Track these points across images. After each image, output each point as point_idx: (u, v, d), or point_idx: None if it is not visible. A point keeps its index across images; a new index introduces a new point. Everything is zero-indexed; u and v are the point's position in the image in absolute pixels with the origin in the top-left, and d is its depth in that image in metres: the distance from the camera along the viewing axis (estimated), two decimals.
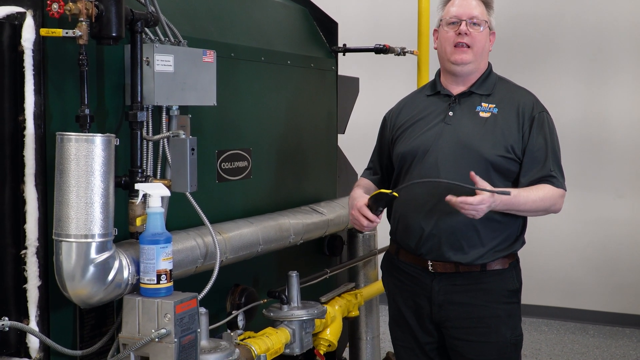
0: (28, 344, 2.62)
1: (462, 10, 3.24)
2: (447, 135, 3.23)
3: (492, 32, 3.33)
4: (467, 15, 3.23)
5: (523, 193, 3.10)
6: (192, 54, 3.03)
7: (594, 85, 7.23)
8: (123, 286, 2.65)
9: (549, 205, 3.16)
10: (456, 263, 3.20)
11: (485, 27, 3.25)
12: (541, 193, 3.13)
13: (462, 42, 3.22)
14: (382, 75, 7.62)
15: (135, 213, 2.79)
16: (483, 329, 3.24)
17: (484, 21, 3.24)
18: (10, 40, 2.55)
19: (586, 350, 6.66)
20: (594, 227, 7.32)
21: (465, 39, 3.22)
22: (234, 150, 3.51)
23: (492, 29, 3.32)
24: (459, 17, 3.24)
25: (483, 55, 3.29)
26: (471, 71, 3.28)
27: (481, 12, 3.25)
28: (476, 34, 3.23)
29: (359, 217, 3.17)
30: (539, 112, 3.24)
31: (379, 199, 3.12)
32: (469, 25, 3.22)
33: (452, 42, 3.24)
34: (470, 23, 3.23)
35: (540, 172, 3.16)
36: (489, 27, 3.29)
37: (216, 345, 2.97)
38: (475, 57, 3.25)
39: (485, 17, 3.26)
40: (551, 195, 3.15)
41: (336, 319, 3.90)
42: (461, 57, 3.24)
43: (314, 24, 4.41)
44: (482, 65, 3.32)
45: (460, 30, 3.22)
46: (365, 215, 3.14)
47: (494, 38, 3.35)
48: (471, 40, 3.23)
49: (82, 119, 2.59)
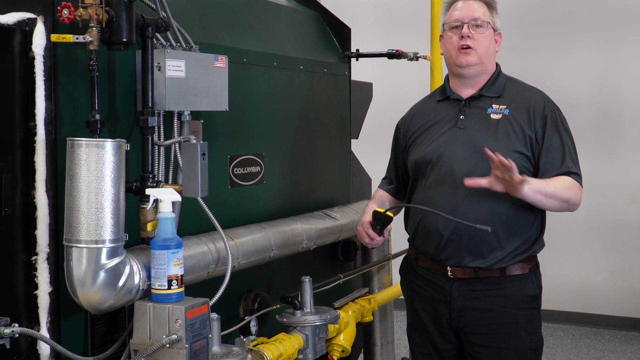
0: (39, 350, 2.61)
1: (464, 13, 3.23)
2: (460, 139, 3.22)
3: (498, 33, 3.31)
4: (469, 18, 3.22)
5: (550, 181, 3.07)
6: (204, 59, 3.03)
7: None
8: (134, 292, 2.63)
9: (571, 196, 3.11)
10: (475, 268, 3.18)
11: (488, 28, 3.24)
12: (566, 182, 3.10)
13: (466, 44, 3.22)
14: (396, 80, 7.61)
15: (146, 218, 2.78)
16: (502, 335, 3.21)
17: (486, 22, 3.23)
18: (21, 46, 2.56)
19: (602, 355, 6.63)
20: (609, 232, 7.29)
21: (469, 41, 3.21)
22: (247, 155, 3.50)
23: (497, 29, 3.30)
24: (461, 20, 3.23)
25: (489, 57, 3.27)
26: (478, 73, 3.27)
27: (483, 13, 3.23)
28: (479, 36, 3.22)
29: (362, 233, 3.22)
30: (551, 111, 3.21)
31: (375, 218, 3.16)
32: (472, 27, 3.21)
33: (456, 45, 3.24)
34: (473, 25, 3.21)
35: (559, 169, 3.13)
36: (493, 27, 3.27)
37: (228, 351, 2.96)
38: (481, 59, 3.24)
39: (487, 19, 3.24)
40: (574, 187, 3.12)
41: (350, 325, 3.89)
42: (466, 59, 3.23)
43: (326, 29, 4.40)
44: (490, 67, 3.30)
45: (462, 34, 3.21)
46: (367, 232, 3.18)
47: (500, 38, 3.33)
48: (475, 43, 3.22)
49: (93, 124, 2.59)
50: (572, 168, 3.15)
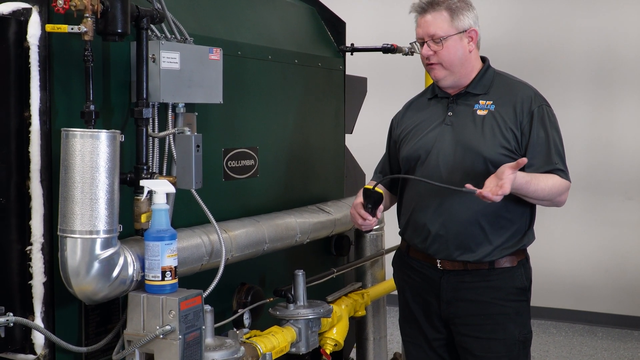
0: (33, 340, 2.62)
1: (422, 30, 3.24)
2: (447, 135, 3.24)
3: (470, 30, 3.23)
4: (427, 35, 3.22)
5: (534, 179, 3.07)
6: (199, 51, 3.03)
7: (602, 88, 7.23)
8: (128, 283, 2.64)
9: (556, 194, 3.14)
10: (464, 262, 3.21)
11: (450, 39, 3.19)
12: (550, 182, 3.11)
13: (429, 62, 3.24)
14: (390, 76, 7.62)
15: (140, 210, 2.78)
16: (491, 326, 3.24)
17: (443, 36, 3.19)
18: (15, 36, 2.55)
19: (594, 352, 6.65)
20: (603, 229, 7.30)
21: (432, 59, 3.22)
22: (241, 148, 3.51)
23: (466, 29, 3.22)
24: (422, 37, 3.24)
25: (460, 63, 3.24)
26: (453, 82, 3.28)
27: (440, 26, 3.19)
28: (441, 50, 3.21)
29: (354, 214, 3.20)
30: (539, 106, 3.21)
31: (366, 195, 3.15)
32: (431, 44, 3.21)
33: (424, 61, 3.27)
34: (432, 41, 3.21)
35: (545, 166, 3.14)
36: (458, 32, 3.20)
37: (221, 342, 2.97)
38: (449, 70, 3.24)
39: (444, 31, 3.19)
40: (559, 186, 3.13)
41: (342, 319, 3.89)
42: (434, 74, 3.26)
43: (321, 23, 4.41)
44: (468, 68, 3.27)
45: (423, 53, 3.24)
46: (359, 213, 3.16)
47: (475, 34, 3.25)
48: (437, 57, 3.22)
49: (87, 115, 2.59)
50: (558, 164, 3.17)
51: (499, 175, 2.91)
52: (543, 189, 3.09)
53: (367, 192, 3.14)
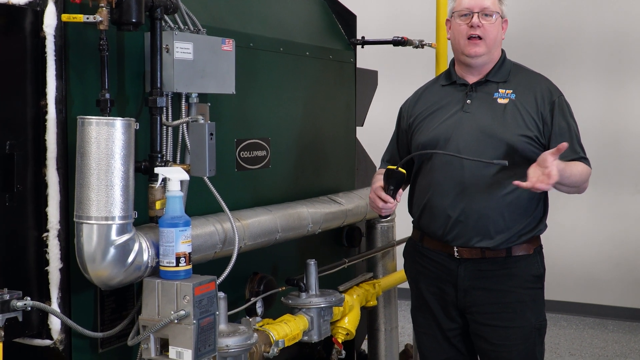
0: (50, 325, 2.66)
1: (474, 3, 3.25)
2: (467, 123, 3.25)
3: (505, 20, 3.34)
4: (478, 7, 3.23)
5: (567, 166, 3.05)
6: (211, 42, 3.06)
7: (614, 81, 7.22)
8: (143, 268, 2.68)
9: (584, 181, 3.17)
10: (482, 249, 3.22)
11: (497, 17, 3.26)
12: (579, 168, 3.13)
13: (475, 34, 3.24)
14: (401, 69, 7.64)
15: (154, 197, 2.82)
16: (508, 314, 3.25)
17: (495, 12, 3.25)
18: (32, 26, 2.59)
19: (605, 345, 6.65)
20: (613, 222, 7.31)
21: (478, 31, 3.23)
22: (253, 139, 3.54)
23: (504, 16, 3.32)
24: (471, 9, 3.24)
25: (496, 46, 3.30)
26: (485, 62, 3.30)
27: (493, 2, 3.26)
28: (488, 26, 3.24)
29: (374, 198, 3.20)
30: (558, 97, 3.25)
31: (388, 176, 3.15)
32: (481, 17, 3.23)
33: (464, 34, 3.26)
34: (482, 15, 3.23)
35: (570, 154, 3.14)
36: (501, 15, 3.29)
37: (235, 329, 3.00)
38: (489, 49, 3.26)
39: (496, 8, 3.26)
40: (587, 173, 3.17)
41: (354, 308, 3.92)
42: (474, 49, 3.25)
43: (332, 16, 4.44)
44: (496, 54, 3.33)
45: (472, 23, 3.23)
46: (379, 195, 3.17)
47: (506, 26, 3.35)
48: (484, 32, 3.24)
49: (103, 103, 2.63)
50: (581, 153, 3.20)
51: (541, 163, 2.91)
52: (576, 175, 3.10)
53: (389, 172, 3.15)
